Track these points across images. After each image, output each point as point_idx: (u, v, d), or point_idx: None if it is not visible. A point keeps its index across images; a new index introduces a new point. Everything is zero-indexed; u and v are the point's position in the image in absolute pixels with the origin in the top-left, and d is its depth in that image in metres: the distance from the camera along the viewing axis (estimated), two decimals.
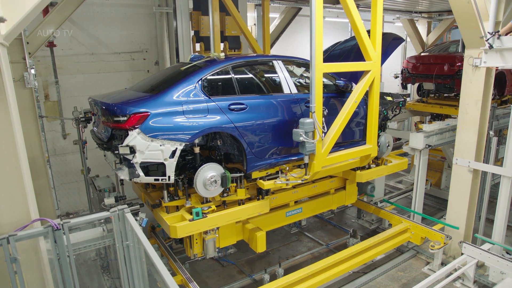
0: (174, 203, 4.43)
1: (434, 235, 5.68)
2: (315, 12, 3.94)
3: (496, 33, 4.62)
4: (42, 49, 6.87)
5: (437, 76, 7.86)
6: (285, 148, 4.61)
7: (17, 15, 2.68)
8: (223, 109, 4.15)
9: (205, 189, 4.14)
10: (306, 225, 7.59)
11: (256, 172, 4.54)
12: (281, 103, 4.56)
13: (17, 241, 2.85)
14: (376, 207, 6.74)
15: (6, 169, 2.92)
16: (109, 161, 4.57)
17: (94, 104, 4.35)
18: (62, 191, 7.91)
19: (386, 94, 5.89)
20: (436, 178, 9.04)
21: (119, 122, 3.73)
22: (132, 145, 3.67)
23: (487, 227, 6.16)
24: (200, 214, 4.18)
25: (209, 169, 4.14)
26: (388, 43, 5.87)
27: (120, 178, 4.05)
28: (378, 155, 5.52)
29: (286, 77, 4.78)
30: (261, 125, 4.37)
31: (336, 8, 9.17)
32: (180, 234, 4.10)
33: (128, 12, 8.02)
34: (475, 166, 5.48)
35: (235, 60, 4.62)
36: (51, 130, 7.66)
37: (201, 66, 4.42)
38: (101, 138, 4.26)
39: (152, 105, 3.82)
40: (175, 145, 3.82)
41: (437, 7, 10.72)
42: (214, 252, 4.64)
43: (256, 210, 4.69)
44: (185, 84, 4.10)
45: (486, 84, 5.20)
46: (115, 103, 3.85)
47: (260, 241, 4.76)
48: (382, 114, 5.61)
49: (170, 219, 4.24)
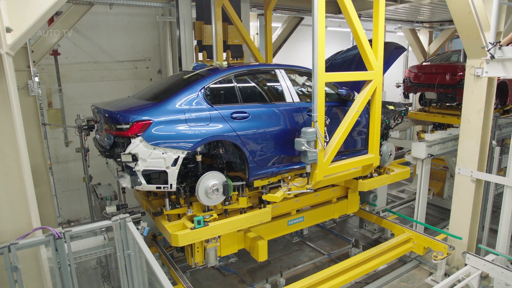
0: (175, 211, 4.41)
1: (437, 245, 5.64)
2: (317, 22, 3.96)
3: (498, 44, 4.64)
4: (46, 57, 6.95)
5: (439, 85, 7.86)
6: (287, 156, 4.61)
7: (23, 25, 2.71)
8: (226, 117, 4.16)
9: (207, 198, 4.13)
10: (308, 234, 7.54)
11: (258, 180, 4.53)
12: (283, 111, 4.57)
13: (18, 249, 2.84)
14: (378, 216, 6.70)
15: (8, 176, 2.93)
16: (111, 169, 4.57)
17: (97, 112, 4.37)
18: (64, 198, 7.91)
19: (388, 103, 5.90)
20: (439, 188, 9.00)
21: (121, 130, 3.74)
22: (134, 153, 3.67)
23: (491, 237, 6.11)
24: (202, 223, 4.16)
25: (211, 177, 4.14)
26: (390, 52, 5.91)
27: (122, 186, 4.05)
28: (380, 164, 5.51)
29: (289, 85, 4.80)
30: (263, 134, 4.37)
31: (338, 18, 9.24)
32: (182, 242, 4.07)
33: (132, 21, 8.11)
34: (478, 176, 5.45)
35: (238, 68, 4.64)
36: (53, 138, 7.69)
37: (204, 74, 4.44)
38: (104, 146, 4.27)
39: (154, 113, 3.83)
40: (177, 153, 3.83)
41: (438, 17, 10.79)
42: (215, 261, 4.61)
43: (258, 219, 4.66)
44: (188, 93, 4.12)
45: (488, 94, 5.20)
46: (118, 111, 3.86)
47: (262, 250, 4.73)
48: (384, 123, 5.62)
49: (171, 227, 4.22)
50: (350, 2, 4.28)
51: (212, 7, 6.21)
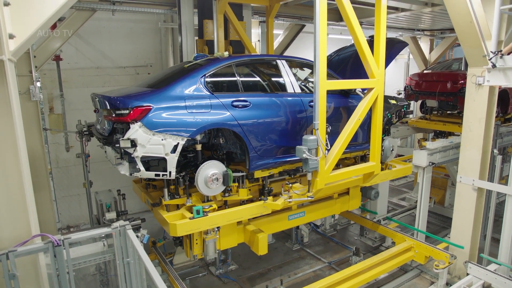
0: (174, 201, 4.34)
1: (438, 254, 5.59)
2: (319, 29, 3.97)
3: (499, 52, 4.64)
4: (48, 63, 6.97)
5: (440, 93, 7.87)
6: (287, 147, 4.57)
7: (26, 32, 2.71)
8: (226, 105, 4.14)
9: (206, 187, 4.07)
10: (308, 242, 7.50)
11: (259, 171, 4.49)
12: (284, 102, 4.55)
13: (16, 257, 2.82)
14: (379, 224, 6.66)
15: (8, 182, 2.91)
16: (110, 159, 4.51)
17: (97, 99, 4.28)
18: (64, 203, 7.88)
19: (390, 98, 5.88)
20: (440, 196, 8.96)
21: (121, 116, 3.71)
22: (133, 138, 3.63)
23: (493, 247, 6.07)
24: (201, 212, 4.08)
25: (211, 166, 4.08)
26: (392, 47, 5.87)
27: (121, 172, 3.94)
28: (382, 159, 5.46)
29: (290, 76, 4.79)
30: (264, 123, 4.34)
31: (339, 26, 9.28)
32: (180, 232, 4.00)
33: (134, 27, 8.14)
34: (480, 185, 5.43)
35: (239, 58, 4.63)
36: (54, 143, 7.69)
37: (205, 63, 4.44)
38: (103, 133, 4.20)
39: (155, 99, 3.82)
40: (177, 139, 3.79)
41: (439, 25, 10.84)
42: (214, 254, 4.53)
43: (258, 211, 4.57)
44: (189, 80, 4.11)
45: (490, 102, 5.20)
46: (118, 97, 3.84)
47: (262, 243, 4.62)
48: (386, 117, 5.58)
49: (170, 217, 4.14)
50: (351, 10, 4.30)
51: (214, 15, 6.25)
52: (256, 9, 7.83)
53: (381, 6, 4.55)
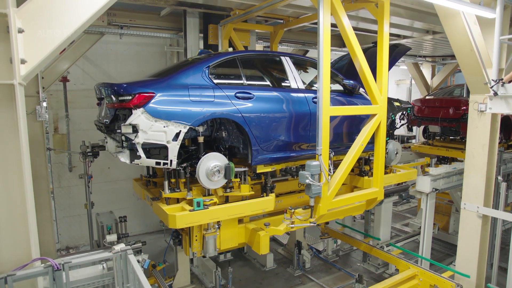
0: (174, 194, 4.25)
1: (444, 283, 5.45)
2: (323, 55, 4.05)
3: (500, 81, 4.69)
4: (55, 84, 7.09)
5: (443, 119, 7.91)
6: (289, 143, 4.57)
7: (38, 57, 2.77)
8: (230, 96, 4.16)
9: (207, 179, 4.00)
10: (310, 268, 7.36)
11: (261, 166, 4.45)
12: (287, 97, 4.59)
13: (15, 281, 2.78)
14: (382, 251, 6.55)
15: (11, 205, 2.90)
16: (110, 150, 4.44)
17: (101, 88, 4.28)
18: (64, 224, 7.83)
19: (394, 100, 5.89)
20: (444, 222, 8.84)
21: (123, 102, 3.73)
22: (135, 123, 3.62)
23: (500, 276, 5.93)
24: (201, 205, 3.99)
25: (213, 158, 4.03)
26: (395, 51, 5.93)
27: (121, 160, 3.90)
28: (387, 162, 5.41)
29: (294, 72, 4.84)
30: (267, 117, 4.35)
31: (342, 51, 9.44)
32: (180, 224, 3.90)
33: (141, 50, 8.32)
34: (485, 212, 5.36)
35: (243, 52, 4.71)
36: (57, 162, 7.72)
37: (209, 56, 4.53)
38: (105, 121, 4.18)
39: (158, 86, 3.85)
40: (179, 127, 3.78)
41: (441, 51, 11.00)
42: (214, 251, 4.41)
43: (260, 206, 4.45)
44: (193, 70, 4.17)
45: (492, 129, 5.21)
46: (122, 84, 3.88)
47: (263, 241, 4.44)
48: (390, 119, 5.56)
49: (169, 209, 4.06)
50: (354, 36, 4.39)
51: (219, 40, 6.39)
52: (260, 34, 8.00)
53: (383, 33, 4.65)
